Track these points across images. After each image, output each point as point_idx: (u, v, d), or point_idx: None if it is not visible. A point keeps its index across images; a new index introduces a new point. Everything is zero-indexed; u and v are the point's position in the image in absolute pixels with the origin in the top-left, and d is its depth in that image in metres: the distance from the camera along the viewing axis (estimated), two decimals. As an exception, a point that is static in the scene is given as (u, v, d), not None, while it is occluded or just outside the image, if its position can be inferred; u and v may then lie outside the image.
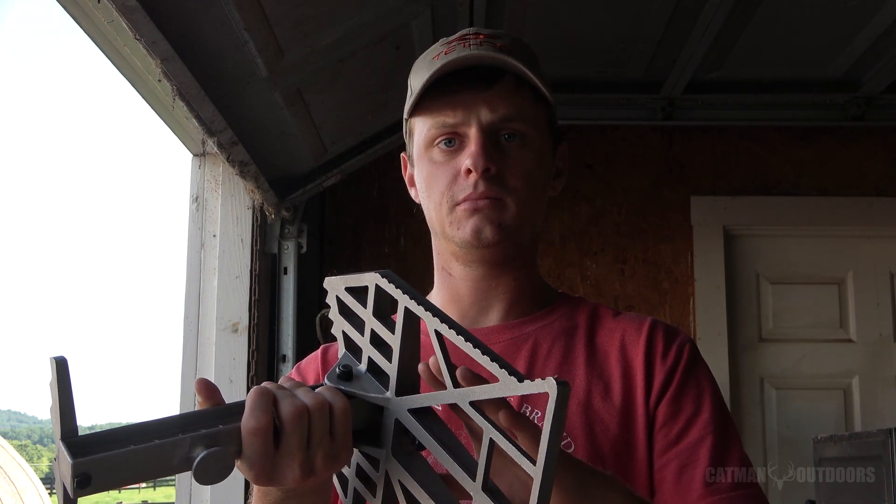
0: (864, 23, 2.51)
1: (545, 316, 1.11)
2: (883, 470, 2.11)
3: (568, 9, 2.46)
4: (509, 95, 1.04)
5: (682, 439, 1.00)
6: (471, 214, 1.04)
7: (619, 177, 3.14)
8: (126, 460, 0.67)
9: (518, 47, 1.07)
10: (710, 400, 1.03)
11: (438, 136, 1.06)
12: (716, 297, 3.06)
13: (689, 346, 1.07)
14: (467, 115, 1.03)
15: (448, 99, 1.04)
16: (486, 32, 1.08)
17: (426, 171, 1.09)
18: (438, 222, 1.08)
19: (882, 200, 3.13)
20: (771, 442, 3.05)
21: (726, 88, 2.97)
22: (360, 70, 2.24)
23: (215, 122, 1.95)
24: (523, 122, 1.05)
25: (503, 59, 1.02)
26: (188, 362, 2.44)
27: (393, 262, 3.04)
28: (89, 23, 1.78)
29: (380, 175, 3.07)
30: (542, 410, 1.00)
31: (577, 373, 1.04)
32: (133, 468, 0.67)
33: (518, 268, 1.10)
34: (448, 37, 1.10)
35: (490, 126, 1.03)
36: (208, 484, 0.71)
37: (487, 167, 1.02)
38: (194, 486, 2.39)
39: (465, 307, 1.11)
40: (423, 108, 1.07)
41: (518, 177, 1.04)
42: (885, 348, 3.13)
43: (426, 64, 1.07)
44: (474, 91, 1.04)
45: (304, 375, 1.14)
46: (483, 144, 1.02)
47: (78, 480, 0.65)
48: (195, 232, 2.51)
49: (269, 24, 1.82)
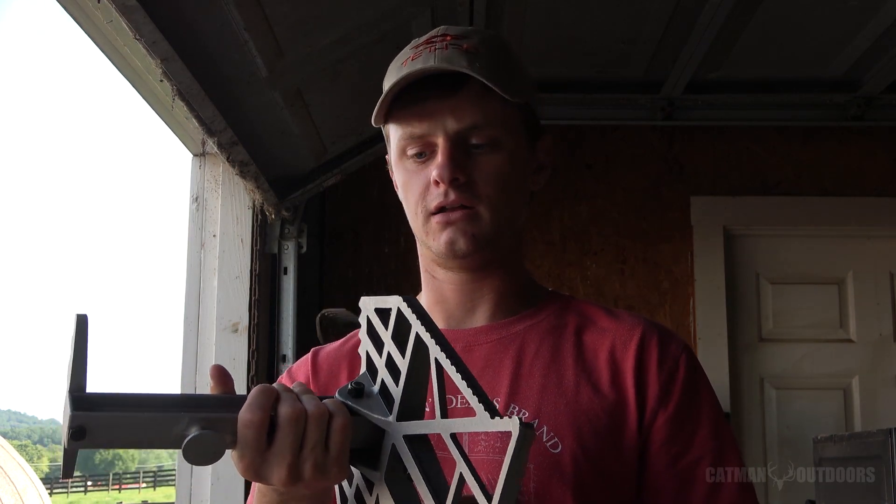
0: (864, 23, 2.51)
1: (533, 315, 1.10)
2: (883, 470, 2.11)
3: (568, 9, 2.46)
4: (476, 100, 1.02)
5: (680, 460, 1.00)
6: (444, 227, 1.03)
7: (619, 177, 3.14)
8: (122, 423, 0.70)
9: (488, 47, 1.05)
10: (707, 415, 1.03)
11: (408, 146, 1.05)
12: (716, 297, 3.07)
13: (685, 356, 1.05)
14: (434, 124, 1.02)
15: (415, 108, 1.03)
16: (455, 33, 1.06)
17: (402, 180, 1.08)
18: (416, 230, 1.08)
19: (882, 200, 3.13)
20: (771, 442, 3.06)
21: (726, 88, 2.97)
22: (360, 70, 2.24)
23: (215, 122, 1.95)
24: (491, 127, 1.03)
25: (465, 68, 1.00)
26: (188, 362, 2.44)
27: (393, 262, 3.04)
28: (89, 23, 1.78)
29: (380, 175, 3.04)
30: (529, 410, 1.01)
31: (565, 371, 1.03)
32: (128, 432, 0.71)
33: (501, 268, 1.09)
34: (418, 38, 1.08)
35: (457, 135, 1.02)
36: (194, 464, 0.73)
37: (455, 177, 1.01)
38: (194, 486, 2.39)
39: (450, 308, 1.10)
40: (392, 116, 1.06)
41: (489, 182, 1.03)
42: (885, 348, 3.13)
43: (395, 69, 1.06)
44: (440, 98, 1.02)
45: (294, 379, 1.14)
46: (450, 155, 1.01)
47: (72, 432, 0.68)
48: (195, 232, 2.51)
49: (269, 24, 1.82)
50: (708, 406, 1.03)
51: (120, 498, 36.76)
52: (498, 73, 1.02)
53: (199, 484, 2.38)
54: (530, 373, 1.04)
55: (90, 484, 43.50)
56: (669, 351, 1.04)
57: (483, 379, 1.04)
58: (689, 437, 1.01)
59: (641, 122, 3.12)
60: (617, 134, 3.15)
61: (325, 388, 1.09)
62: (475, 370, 1.03)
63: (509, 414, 1.00)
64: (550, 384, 1.03)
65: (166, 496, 31.69)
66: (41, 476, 14.53)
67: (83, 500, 38.49)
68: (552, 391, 1.02)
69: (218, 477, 2.36)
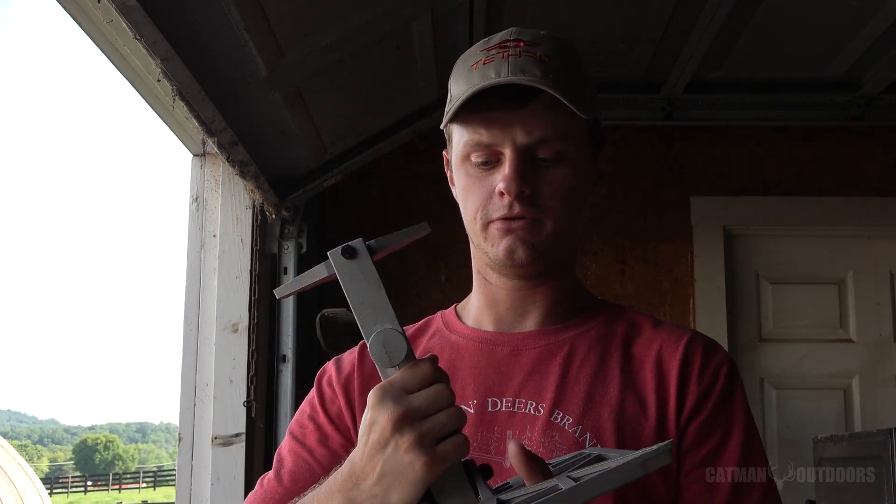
0: (864, 23, 2.51)
1: (582, 323, 1.10)
2: (883, 470, 2.11)
3: (568, 9, 2.46)
4: (546, 113, 1.01)
5: (708, 464, 1.00)
6: (504, 234, 1.03)
7: (619, 177, 3.13)
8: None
9: (560, 56, 1.04)
10: (739, 426, 1.03)
11: (472, 153, 1.04)
12: (716, 297, 3.06)
13: (726, 367, 1.05)
14: (502, 135, 1.01)
15: (484, 115, 1.02)
16: (527, 39, 1.04)
17: (462, 183, 1.07)
18: (474, 234, 1.07)
19: (882, 200, 3.12)
20: (771, 442, 3.05)
21: (726, 88, 2.97)
22: (360, 70, 2.25)
23: (215, 122, 1.95)
24: (560, 141, 1.02)
25: (537, 80, 0.99)
26: (188, 362, 2.44)
27: (393, 262, 3.04)
28: (89, 23, 1.78)
29: (380, 175, 3.07)
30: (573, 416, 1.01)
31: (611, 381, 1.04)
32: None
33: (555, 277, 1.09)
34: (488, 38, 1.07)
35: (525, 148, 1.01)
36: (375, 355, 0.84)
37: (521, 190, 1.00)
38: (194, 486, 2.39)
39: (501, 312, 1.11)
40: (459, 118, 1.04)
41: (555, 196, 1.02)
42: (885, 348, 3.13)
43: (465, 72, 1.04)
44: (510, 109, 1.01)
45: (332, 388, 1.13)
46: (517, 168, 1.00)
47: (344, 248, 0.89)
48: (195, 232, 2.51)
49: (269, 24, 1.82)
50: (741, 417, 1.03)
51: (120, 498, 36.75)
52: (569, 85, 1.01)
53: (199, 484, 2.38)
54: (577, 379, 1.04)
55: (90, 484, 43.51)
56: (712, 361, 1.05)
57: (530, 383, 1.04)
58: (719, 443, 1.01)
59: (641, 122, 3.12)
60: (617, 134, 3.15)
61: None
62: (522, 373, 1.05)
63: (555, 415, 1.01)
64: (596, 392, 1.03)
65: (166, 496, 31.69)
66: (41, 476, 14.53)
67: (83, 500, 38.48)
68: (597, 399, 1.02)
69: (218, 477, 2.36)
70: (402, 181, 3.06)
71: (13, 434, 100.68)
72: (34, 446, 79.42)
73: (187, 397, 2.43)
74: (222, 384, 2.41)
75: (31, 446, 76.77)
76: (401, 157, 2.99)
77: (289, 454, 1.09)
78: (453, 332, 1.12)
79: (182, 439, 2.42)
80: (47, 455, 76.62)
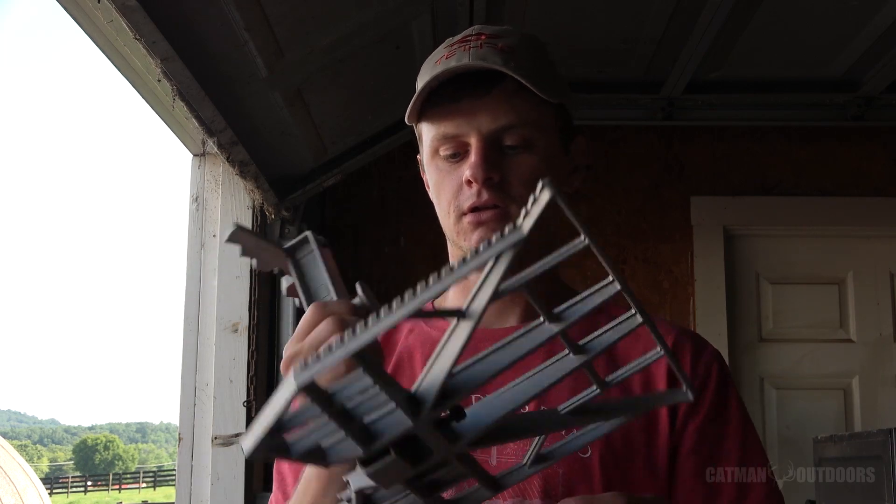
0: (864, 23, 2.51)
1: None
2: (883, 470, 2.11)
3: (568, 8, 2.46)
4: (510, 99, 1.01)
5: (707, 467, 1.00)
6: (475, 227, 1.02)
7: (619, 177, 3.14)
8: None
9: (523, 46, 1.04)
10: (736, 425, 1.02)
11: (440, 146, 1.04)
12: (716, 297, 3.06)
13: (717, 364, 1.05)
14: (468, 124, 1.01)
15: (448, 107, 1.02)
16: (489, 32, 1.05)
17: (434, 179, 1.07)
18: (448, 230, 1.07)
19: (882, 200, 3.13)
20: (771, 442, 3.05)
21: (726, 88, 2.97)
22: (360, 70, 2.25)
23: (215, 122, 1.95)
24: (526, 127, 1.02)
25: (499, 66, 0.99)
26: (188, 362, 2.44)
27: (393, 262, 3.04)
28: (89, 23, 1.78)
29: (380, 175, 3.07)
30: None
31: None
32: None
33: None
34: (453, 37, 1.08)
35: (490, 135, 1.01)
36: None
37: (488, 177, 1.00)
38: (194, 486, 2.39)
39: None
40: (425, 115, 1.05)
41: (523, 183, 1.01)
42: (885, 348, 3.13)
43: (429, 68, 1.05)
44: (473, 97, 1.01)
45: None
46: (483, 155, 1.00)
47: None
48: (195, 232, 2.51)
49: (269, 24, 1.82)
50: (737, 415, 1.03)
51: (120, 498, 36.78)
52: (533, 72, 1.01)
53: (199, 484, 2.38)
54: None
55: (90, 484, 43.53)
56: (702, 359, 1.04)
57: (512, 379, 1.04)
58: (717, 445, 1.01)
59: (641, 122, 3.12)
60: (617, 134, 3.15)
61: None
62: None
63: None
64: (581, 386, 1.03)
65: (166, 496, 31.71)
66: (41, 476, 14.54)
67: (83, 500, 38.50)
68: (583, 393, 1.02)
69: (218, 477, 2.36)
70: (402, 181, 3.06)
71: (13, 434, 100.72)
72: (34, 446, 79.43)
73: (187, 397, 2.43)
74: (222, 384, 2.41)
75: (31, 446, 76.79)
76: (401, 157, 3.00)
77: (289, 470, 1.07)
78: (434, 328, 1.11)
79: (182, 439, 2.42)
80: (47, 455, 76.65)
